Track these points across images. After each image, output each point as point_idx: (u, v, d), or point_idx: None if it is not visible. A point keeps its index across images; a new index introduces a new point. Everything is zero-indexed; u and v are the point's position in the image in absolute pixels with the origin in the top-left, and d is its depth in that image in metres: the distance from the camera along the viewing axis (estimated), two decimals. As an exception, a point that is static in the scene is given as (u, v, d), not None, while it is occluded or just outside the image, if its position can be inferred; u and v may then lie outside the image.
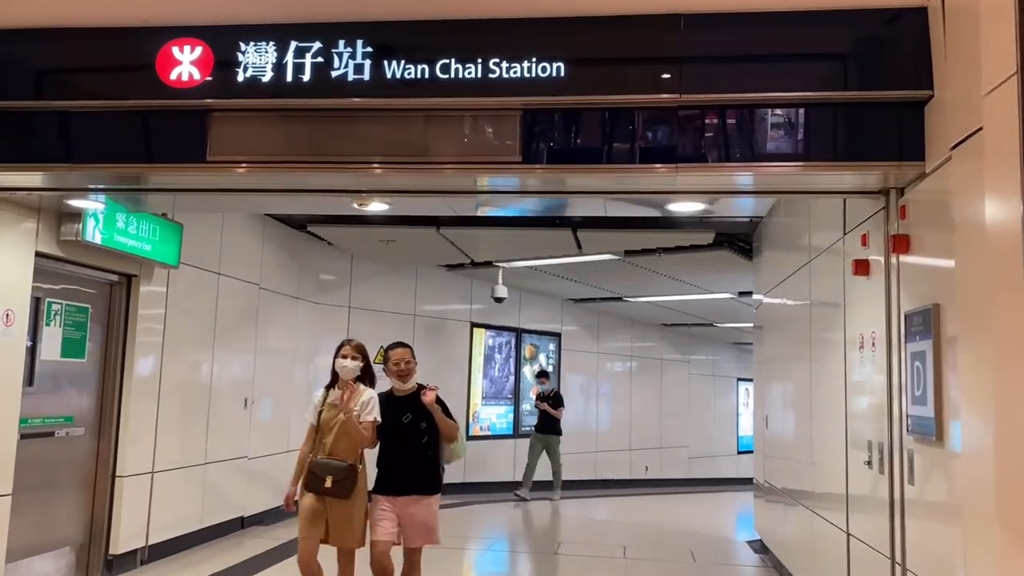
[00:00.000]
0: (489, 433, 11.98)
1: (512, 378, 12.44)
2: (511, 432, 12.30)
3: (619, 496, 12.97)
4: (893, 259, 3.76)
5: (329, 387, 4.79)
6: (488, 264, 9.96)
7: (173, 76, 3.73)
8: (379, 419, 4.67)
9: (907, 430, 3.56)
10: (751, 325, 13.85)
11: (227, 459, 7.51)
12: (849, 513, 4.53)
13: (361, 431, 4.57)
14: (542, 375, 11.98)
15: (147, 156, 3.85)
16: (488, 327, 11.97)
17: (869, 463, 4.08)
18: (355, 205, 4.53)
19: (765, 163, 3.58)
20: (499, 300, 10.20)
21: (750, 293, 10.60)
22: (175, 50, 3.74)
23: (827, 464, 5.05)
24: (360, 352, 4.76)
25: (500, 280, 10.14)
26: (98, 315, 6.00)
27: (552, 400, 11.69)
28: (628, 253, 8.80)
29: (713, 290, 10.80)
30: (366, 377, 4.78)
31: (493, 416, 12.08)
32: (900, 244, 3.65)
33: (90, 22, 3.79)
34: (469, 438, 11.31)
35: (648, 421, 14.84)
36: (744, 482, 15.92)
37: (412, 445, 4.73)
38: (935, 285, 3.34)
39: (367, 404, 4.67)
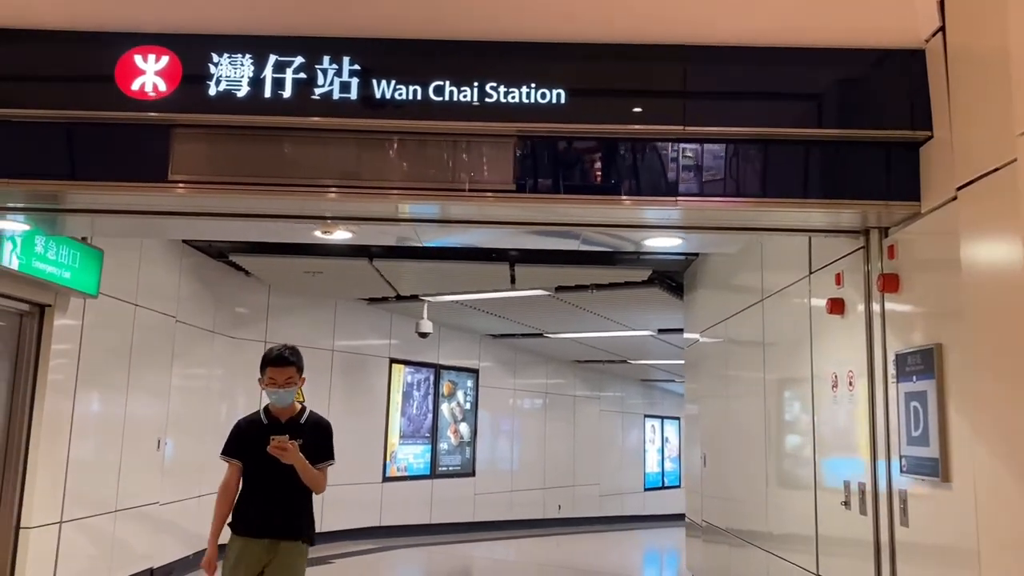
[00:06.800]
0: (406, 474, 11.55)
1: (430, 416, 12.08)
2: (429, 472, 11.91)
3: (534, 537, 12.76)
4: (878, 299, 3.76)
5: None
6: (414, 298, 9.68)
7: (135, 87, 3.38)
8: None
9: (901, 471, 3.53)
10: (665, 362, 14.12)
11: (138, 506, 6.91)
12: (819, 555, 4.48)
13: None
14: (279, 361, 3.90)
15: (101, 173, 3.44)
16: (407, 363, 11.62)
17: (847, 504, 4.04)
18: (318, 233, 4.24)
19: (763, 199, 3.54)
20: (424, 335, 9.91)
21: (671, 330, 10.70)
22: (138, 58, 3.40)
23: (790, 505, 5.01)
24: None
25: (425, 315, 9.87)
26: (5, 349, 5.41)
27: (312, 437, 3.97)
28: (559, 289, 8.69)
29: (635, 327, 10.83)
30: None
31: (411, 456, 11.67)
32: (889, 283, 3.65)
33: (43, 23, 3.39)
34: (386, 479, 10.95)
35: (561, 459, 14.72)
36: (652, 519, 16.05)
37: None
38: (936, 325, 3.33)
39: None
